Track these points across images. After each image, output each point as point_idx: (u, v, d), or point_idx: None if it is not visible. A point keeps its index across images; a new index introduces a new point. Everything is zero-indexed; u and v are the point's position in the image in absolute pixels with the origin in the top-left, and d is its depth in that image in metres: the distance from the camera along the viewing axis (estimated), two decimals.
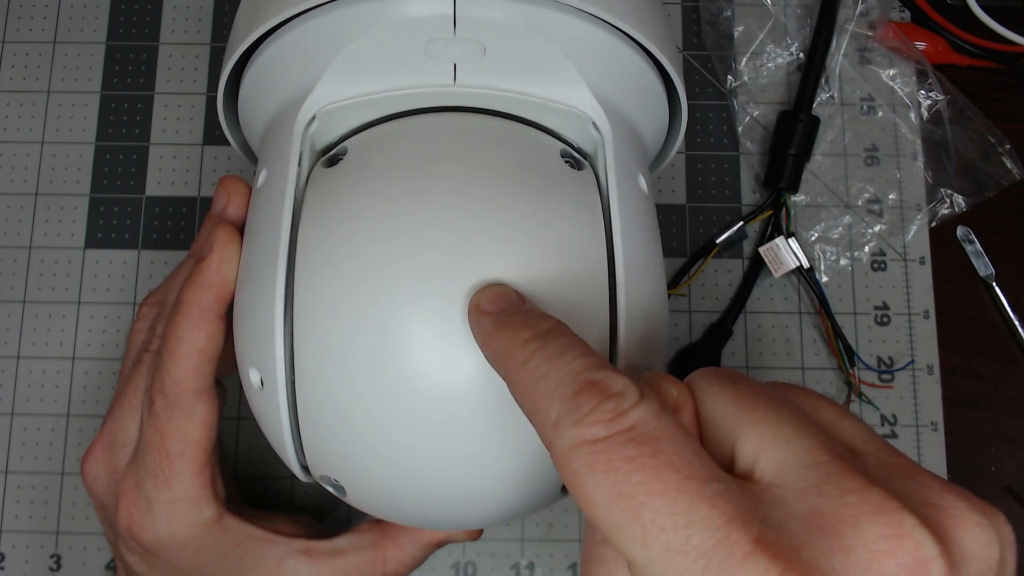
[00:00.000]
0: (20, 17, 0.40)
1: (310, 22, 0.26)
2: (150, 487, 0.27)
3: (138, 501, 0.27)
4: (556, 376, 0.18)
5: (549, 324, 0.20)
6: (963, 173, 0.38)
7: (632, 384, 0.18)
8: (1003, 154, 0.38)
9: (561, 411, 0.18)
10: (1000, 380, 0.37)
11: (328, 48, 0.25)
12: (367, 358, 0.22)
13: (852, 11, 0.40)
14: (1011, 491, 0.36)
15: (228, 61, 0.28)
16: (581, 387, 0.18)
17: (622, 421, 0.17)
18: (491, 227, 0.23)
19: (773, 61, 0.40)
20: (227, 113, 0.30)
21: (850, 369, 0.36)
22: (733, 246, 0.38)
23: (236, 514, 0.29)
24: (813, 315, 0.37)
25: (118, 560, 0.30)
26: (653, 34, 0.27)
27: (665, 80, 0.29)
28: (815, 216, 0.38)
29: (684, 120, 0.30)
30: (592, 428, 0.17)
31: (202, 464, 0.27)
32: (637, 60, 0.27)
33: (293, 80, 0.26)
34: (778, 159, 0.38)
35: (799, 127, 0.38)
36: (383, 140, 0.25)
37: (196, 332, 0.26)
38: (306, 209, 0.24)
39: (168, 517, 0.27)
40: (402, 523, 0.28)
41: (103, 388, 0.36)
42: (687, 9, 0.40)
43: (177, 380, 0.26)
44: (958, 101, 0.39)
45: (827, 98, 0.39)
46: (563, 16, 0.26)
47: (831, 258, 0.38)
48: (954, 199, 0.38)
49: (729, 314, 0.37)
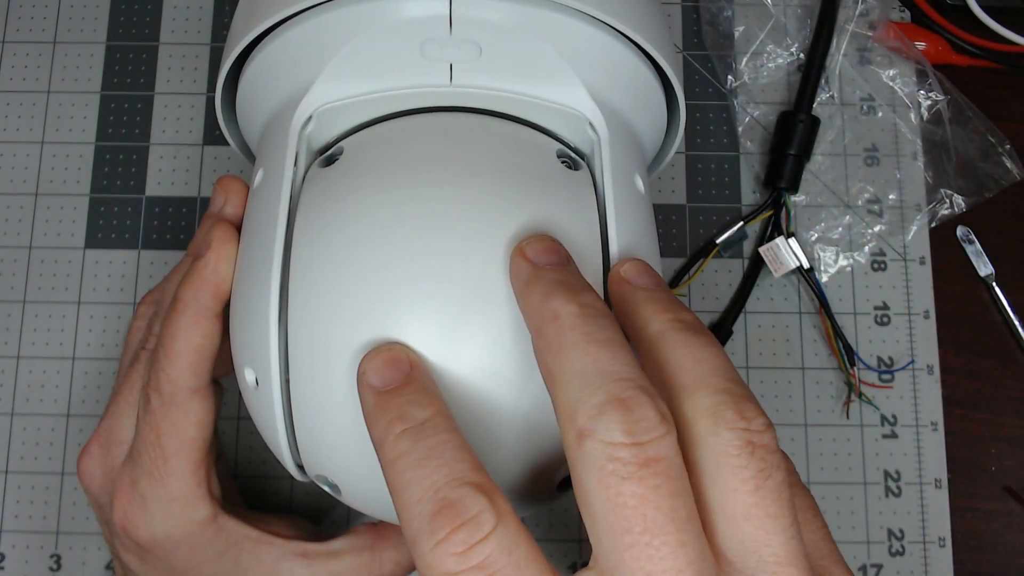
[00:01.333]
0: (20, 17, 0.40)
1: (307, 22, 0.26)
2: (145, 485, 0.27)
3: (133, 499, 0.27)
4: (418, 489, 0.19)
5: (426, 414, 0.20)
6: (963, 173, 0.38)
7: (489, 507, 0.18)
8: (1003, 154, 0.38)
9: (419, 531, 0.18)
10: (1000, 380, 0.37)
11: (325, 48, 0.25)
12: (360, 359, 0.22)
13: (852, 11, 0.40)
14: (1011, 491, 0.36)
15: (225, 61, 0.28)
16: (438, 508, 0.18)
17: (472, 556, 0.18)
18: (486, 229, 0.22)
19: (773, 61, 0.40)
20: (226, 113, 0.30)
21: (850, 369, 0.36)
22: (733, 246, 0.38)
23: (232, 515, 0.29)
24: (813, 315, 0.37)
25: (115, 559, 0.30)
26: (650, 34, 0.27)
27: (663, 80, 0.29)
28: (815, 216, 0.38)
29: (682, 120, 0.30)
30: (445, 561, 0.18)
31: (197, 463, 0.27)
32: (634, 60, 0.27)
33: (290, 80, 0.26)
34: (778, 159, 0.38)
35: (799, 127, 0.38)
36: (379, 140, 0.25)
37: (192, 330, 0.26)
38: (302, 209, 0.24)
39: (163, 515, 0.27)
40: (397, 523, 0.28)
41: (103, 388, 0.36)
42: (687, 9, 0.40)
43: (173, 378, 0.26)
44: (958, 101, 0.39)
45: (827, 98, 0.39)
46: (559, 16, 0.26)
47: (831, 258, 0.38)
48: (954, 199, 0.38)
49: (729, 314, 0.37)
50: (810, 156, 0.38)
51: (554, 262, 0.21)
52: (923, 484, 0.36)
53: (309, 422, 0.24)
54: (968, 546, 0.36)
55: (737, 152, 0.39)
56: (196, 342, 0.26)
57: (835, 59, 0.39)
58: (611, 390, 0.18)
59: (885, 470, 0.36)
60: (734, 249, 0.38)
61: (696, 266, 0.37)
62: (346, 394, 0.22)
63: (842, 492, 0.36)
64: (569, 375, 0.19)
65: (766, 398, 0.37)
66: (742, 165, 0.39)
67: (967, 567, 0.36)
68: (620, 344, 0.19)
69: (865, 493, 0.36)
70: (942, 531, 0.36)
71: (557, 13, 0.26)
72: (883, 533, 0.36)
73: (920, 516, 0.36)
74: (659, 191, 0.39)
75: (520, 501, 0.25)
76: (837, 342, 0.37)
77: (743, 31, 0.40)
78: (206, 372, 0.27)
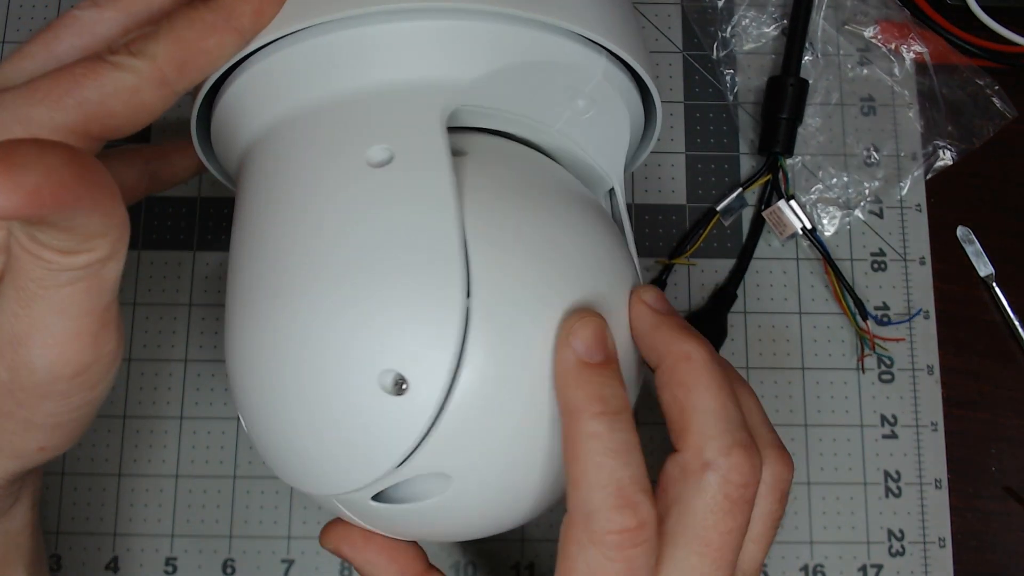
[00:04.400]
0: (20, 17, 0.40)
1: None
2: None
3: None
4: (607, 476, 0.22)
5: (620, 406, 0.22)
6: (954, 120, 0.39)
7: (653, 519, 0.22)
8: (992, 95, 0.39)
9: (598, 512, 0.21)
10: (1000, 380, 0.37)
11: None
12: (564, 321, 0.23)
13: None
14: (1011, 491, 0.36)
15: (203, 86, 0.27)
16: (621, 504, 0.21)
17: (629, 555, 0.21)
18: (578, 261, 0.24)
19: (757, 29, 0.40)
20: (200, 130, 0.29)
21: (863, 324, 0.37)
22: (734, 214, 0.38)
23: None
24: (813, 315, 0.37)
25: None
26: (628, 44, 0.27)
27: (638, 82, 0.29)
28: (812, 178, 0.39)
29: (659, 124, 0.30)
30: (610, 549, 0.21)
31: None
32: (622, 76, 0.27)
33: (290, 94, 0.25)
34: (771, 124, 0.38)
35: (789, 91, 0.38)
36: (495, 149, 0.26)
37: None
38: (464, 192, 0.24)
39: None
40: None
41: None
42: (688, 9, 0.40)
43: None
44: (941, 48, 0.39)
45: (811, 59, 0.40)
46: (564, 40, 0.26)
47: (832, 217, 0.38)
48: (947, 150, 0.39)
49: (733, 278, 0.38)
50: (802, 119, 0.39)
51: (671, 310, 0.25)
52: (923, 484, 0.36)
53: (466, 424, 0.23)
54: (968, 546, 0.36)
55: (737, 153, 0.39)
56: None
57: (816, 21, 0.40)
58: (737, 436, 0.23)
59: (885, 470, 0.36)
60: (735, 218, 0.38)
61: (698, 235, 0.38)
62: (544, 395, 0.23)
63: (842, 492, 0.36)
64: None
65: (766, 398, 0.37)
66: (742, 166, 0.39)
67: (967, 567, 0.36)
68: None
69: (865, 493, 0.36)
70: (942, 531, 0.36)
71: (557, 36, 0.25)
72: (883, 533, 0.36)
73: (920, 516, 0.36)
74: (659, 191, 0.39)
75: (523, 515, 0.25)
76: (844, 296, 0.37)
77: (725, 1, 0.40)
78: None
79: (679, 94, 0.40)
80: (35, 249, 0.20)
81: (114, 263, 0.22)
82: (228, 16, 0.23)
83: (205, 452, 0.36)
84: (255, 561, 0.35)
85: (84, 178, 0.18)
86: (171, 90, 0.23)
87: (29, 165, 0.17)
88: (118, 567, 0.35)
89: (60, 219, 0.19)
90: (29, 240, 0.20)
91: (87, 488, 0.36)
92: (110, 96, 0.22)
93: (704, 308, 0.38)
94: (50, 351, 0.22)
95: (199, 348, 0.37)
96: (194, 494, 0.36)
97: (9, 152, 0.17)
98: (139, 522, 0.36)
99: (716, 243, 0.38)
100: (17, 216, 0.17)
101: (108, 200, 0.20)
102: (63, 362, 0.22)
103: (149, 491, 0.36)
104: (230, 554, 0.35)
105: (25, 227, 0.20)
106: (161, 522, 0.35)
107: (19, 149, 0.17)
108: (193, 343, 0.37)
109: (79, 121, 0.22)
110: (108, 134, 0.23)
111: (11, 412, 0.23)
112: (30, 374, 0.22)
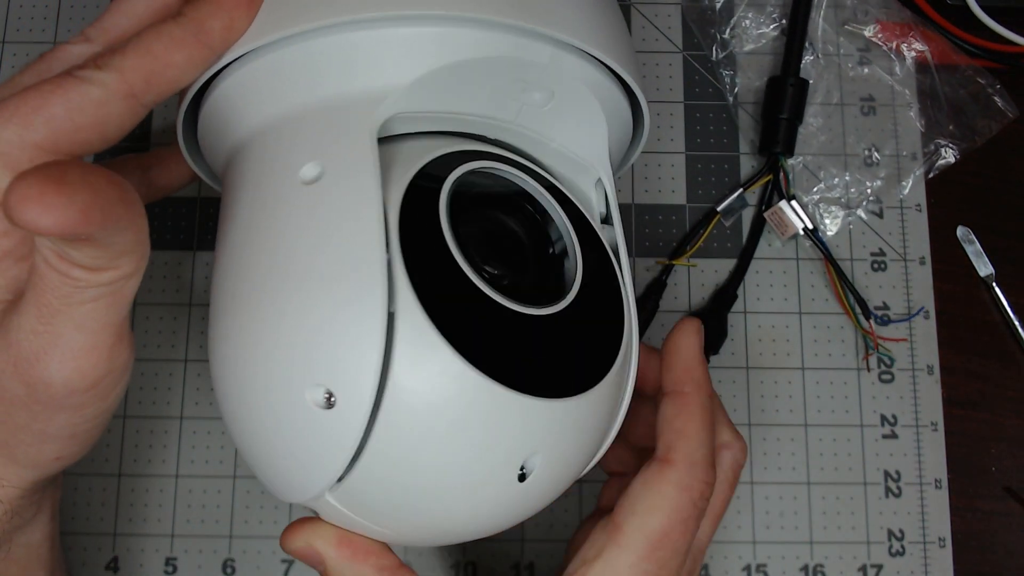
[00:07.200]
0: (20, 17, 0.40)
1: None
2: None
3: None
4: (710, 437, 0.27)
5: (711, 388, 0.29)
6: (955, 119, 0.39)
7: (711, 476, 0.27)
8: (994, 94, 0.39)
9: (701, 460, 0.26)
10: (1000, 380, 0.37)
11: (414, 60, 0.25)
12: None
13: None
14: (1011, 491, 0.36)
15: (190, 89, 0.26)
16: (712, 464, 0.27)
17: (703, 505, 0.27)
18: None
19: (757, 29, 0.40)
20: (187, 128, 0.29)
21: (866, 324, 0.37)
22: (734, 214, 0.38)
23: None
24: (813, 315, 0.37)
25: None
26: (618, 53, 0.26)
27: (624, 88, 0.29)
28: (812, 178, 0.39)
29: (646, 129, 0.30)
30: (696, 495, 0.26)
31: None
32: (609, 84, 0.27)
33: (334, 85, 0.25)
34: (771, 124, 0.38)
35: (789, 91, 0.38)
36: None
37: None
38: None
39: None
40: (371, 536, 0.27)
41: None
42: (687, 10, 0.40)
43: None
44: (942, 47, 0.39)
45: (811, 59, 0.40)
46: (574, 56, 0.26)
47: (834, 217, 0.38)
48: (948, 148, 0.39)
49: (733, 279, 0.38)
50: (802, 119, 0.39)
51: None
52: (923, 484, 0.36)
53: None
54: (968, 546, 0.36)
55: (737, 152, 0.39)
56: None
57: (816, 21, 0.40)
58: (709, 459, 0.28)
59: (885, 470, 0.36)
60: (736, 219, 0.38)
61: (698, 236, 0.38)
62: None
63: (842, 492, 0.36)
64: (709, 434, 0.27)
65: (766, 398, 0.37)
66: (742, 166, 0.39)
67: (967, 567, 0.36)
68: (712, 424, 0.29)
69: (865, 493, 0.36)
70: (942, 531, 0.36)
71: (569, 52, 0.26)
72: (883, 533, 0.36)
73: (920, 516, 0.36)
74: (659, 191, 0.39)
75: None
76: (846, 296, 0.37)
77: (724, 2, 0.40)
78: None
79: (679, 94, 0.40)
80: (63, 267, 0.20)
81: (135, 279, 0.22)
82: (197, 31, 0.23)
83: (205, 452, 0.36)
84: (255, 561, 0.35)
85: (123, 198, 0.19)
86: (139, 103, 0.23)
87: (78, 184, 0.18)
88: (118, 567, 0.35)
89: (104, 236, 0.19)
90: (58, 258, 0.20)
91: (87, 488, 0.36)
92: (76, 111, 0.22)
93: (704, 308, 0.38)
94: (67, 366, 0.22)
95: (199, 348, 0.37)
96: (194, 494, 0.36)
97: (61, 172, 0.18)
98: (139, 522, 0.36)
99: (716, 243, 0.38)
100: (70, 232, 0.18)
101: (141, 219, 0.20)
102: (79, 376, 0.22)
103: (149, 491, 0.36)
104: (230, 554, 0.35)
105: (56, 244, 0.20)
106: (161, 522, 0.36)
107: (69, 170, 0.18)
108: (193, 343, 0.37)
109: (48, 138, 0.22)
110: (78, 149, 0.23)
111: (27, 425, 0.23)
112: (47, 388, 0.22)
